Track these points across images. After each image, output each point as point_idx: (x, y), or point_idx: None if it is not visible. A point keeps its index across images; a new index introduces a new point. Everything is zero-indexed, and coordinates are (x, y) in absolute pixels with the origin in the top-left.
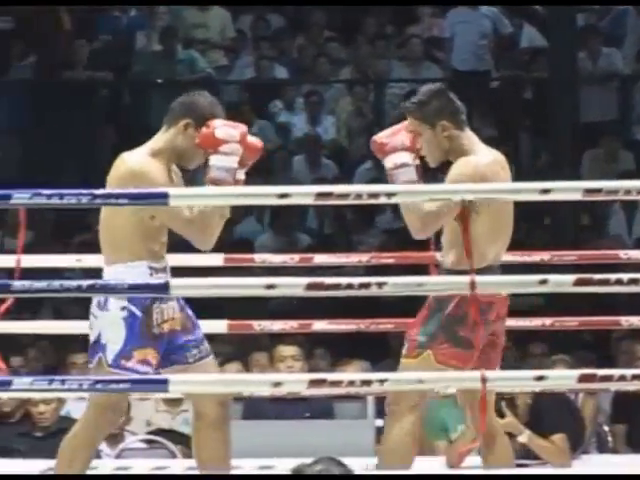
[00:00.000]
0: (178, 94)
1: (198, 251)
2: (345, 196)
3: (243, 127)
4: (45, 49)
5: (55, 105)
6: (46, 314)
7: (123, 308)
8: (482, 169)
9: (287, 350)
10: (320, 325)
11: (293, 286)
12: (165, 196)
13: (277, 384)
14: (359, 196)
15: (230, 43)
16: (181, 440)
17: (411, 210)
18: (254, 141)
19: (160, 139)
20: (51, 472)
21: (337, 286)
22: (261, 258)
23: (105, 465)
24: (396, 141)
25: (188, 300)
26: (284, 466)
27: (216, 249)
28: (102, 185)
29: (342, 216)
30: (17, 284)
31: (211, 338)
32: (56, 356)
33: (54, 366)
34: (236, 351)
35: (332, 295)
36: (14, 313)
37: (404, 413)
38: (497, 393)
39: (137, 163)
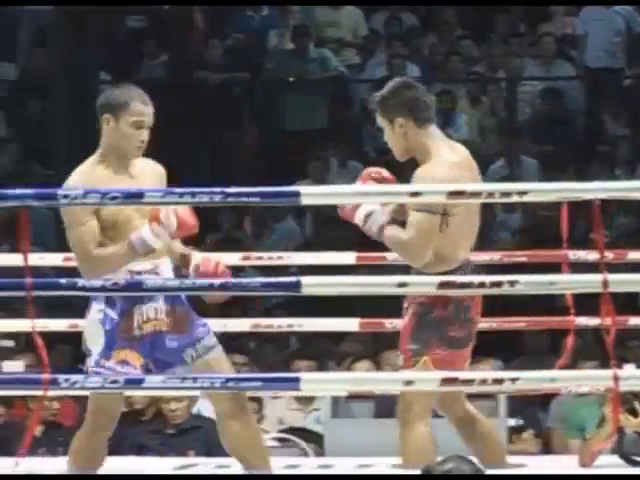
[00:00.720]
0: (310, 92)
1: (331, 249)
2: (477, 195)
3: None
4: (177, 48)
5: (186, 104)
6: None
7: (100, 311)
8: (453, 171)
9: None
10: None
11: (425, 284)
12: (297, 195)
13: (409, 382)
14: (491, 195)
15: (362, 42)
16: (313, 438)
17: (397, 245)
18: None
19: (100, 144)
20: (182, 470)
21: (469, 284)
22: (393, 256)
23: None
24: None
25: (190, 300)
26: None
27: (348, 247)
28: (233, 184)
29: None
30: (151, 281)
31: (342, 336)
32: None
33: None
34: (367, 349)
35: (464, 293)
36: None
37: (415, 421)
38: (632, 392)
39: (75, 177)
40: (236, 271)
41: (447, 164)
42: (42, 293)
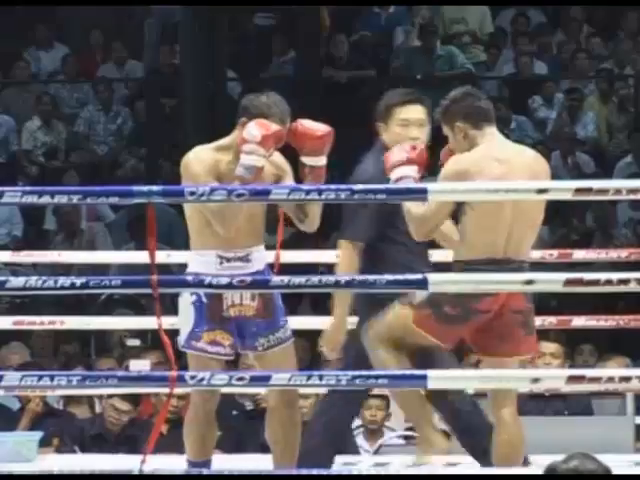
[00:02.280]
0: (437, 90)
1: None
2: (604, 192)
3: (274, 127)
4: (305, 46)
5: (315, 102)
6: (304, 310)
7: (192, 294)
8: (463, 166)
9: (547, 347)
10: (579, 321)
11: (552, 282)
12: (424, 191)
13: (536, 380)
14: (618, 191)
15: (489, 39)
16: None
17: (407, 214)
18: (308, 129)
19: (229, 137)
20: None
21: (596, 282)
22: None
23: (364, 461)
24: (396, 157)
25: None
26: (541, 462)
27: None
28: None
29: (602, 210)
30: (276, 280)
31: None
32: (311, 352)
33: (309, 361)
34: None
35: (591, 291)
36: None
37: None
38: None
39: (190, 156)
40: None
41: (472, 156)
42: (168, 290)
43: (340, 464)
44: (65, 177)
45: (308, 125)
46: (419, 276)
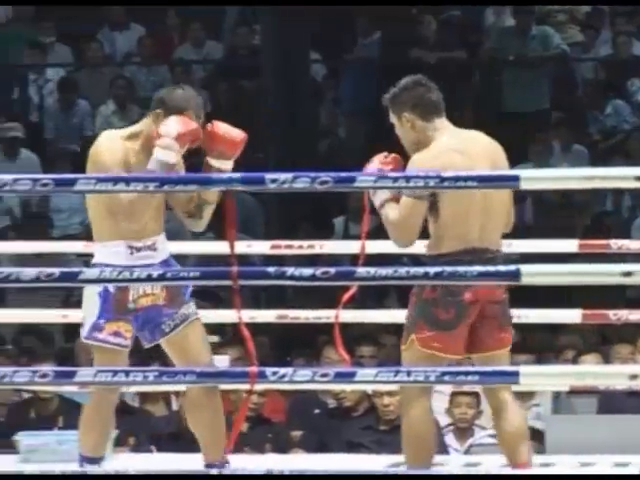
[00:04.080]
0: (530, 71)
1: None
2: None
3: (192, 125)
4: (391, 25)
5: None
6: (391, 302)
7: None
8: (426, 164)
9: None
10: None
11: None
12: (516, 179)
13: (634, 377)
14: None
15: (585, 19)
16: (533, 435)
17: (386, 223)
18: (225, 132)
19: (139, 125)
20: (394, 469)
21: None
22: (617, 244)
23: (453, 461)
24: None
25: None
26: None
27: (571, 234)
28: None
29: None
30: (361, 271)
31: (557, 328)
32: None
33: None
34: (587, 342)
35: None
36: (358, 302)
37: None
38: None
39: (101, 145)
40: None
41: (433, 152)
42: (249, 283)
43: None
44: None
45: (223, 128)
46: (512, 268)
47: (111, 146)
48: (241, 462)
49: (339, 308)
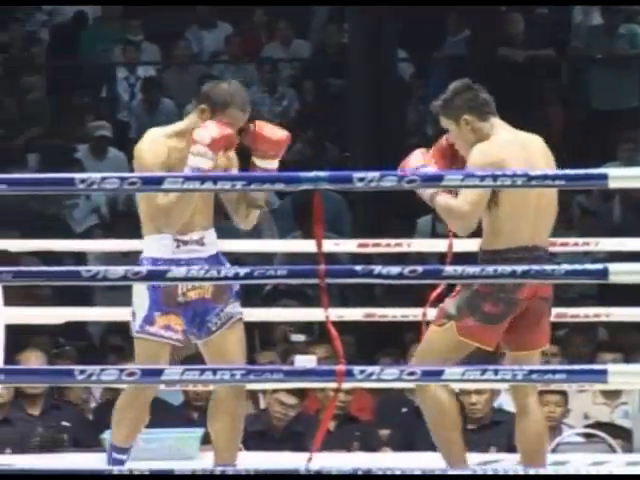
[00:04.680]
0: (618, 69)
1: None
2: None
3: (226, 131)
4: (479, 23)
5: (489, 83)
6: None
7: None
8: (494, 154)
9: None
10: None
11: None
12: (604, 177)
13: None
14: None
15: None
16: (620, 434)
17: (446, 211)
18: (267, 132)
19: (184, 121)
20: (482, 467)
21: None
22: None
23: None
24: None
25: None
26: None
27: None
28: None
29: None
30: (449, 269)
31: None
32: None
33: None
34: None
35: None
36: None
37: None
38: None
39: (144, 146)
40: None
41: (497, 143)
42: (336, 281)
43: (516, 462)
44: None
45: (267, 128)
46: (600, 266)
47: (152, 146)
48: (328, 461)
49: (426, 307)
